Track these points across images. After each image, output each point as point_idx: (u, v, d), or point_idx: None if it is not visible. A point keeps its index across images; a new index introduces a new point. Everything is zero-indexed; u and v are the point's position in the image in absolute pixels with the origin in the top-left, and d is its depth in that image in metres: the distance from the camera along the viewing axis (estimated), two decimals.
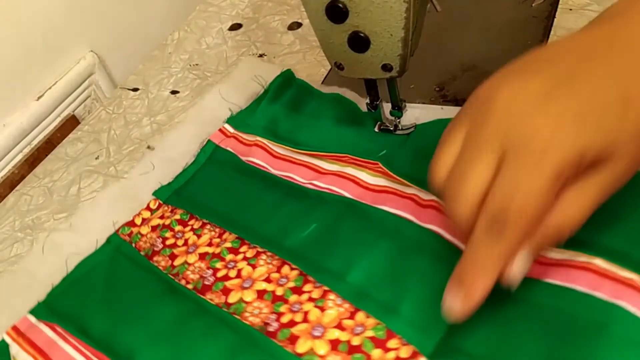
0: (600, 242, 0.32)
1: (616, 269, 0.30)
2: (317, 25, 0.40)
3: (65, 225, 0.47)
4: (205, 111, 0.53)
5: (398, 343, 0.32)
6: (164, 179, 0.48)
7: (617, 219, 0.32)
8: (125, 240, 0.44)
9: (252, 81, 0.54)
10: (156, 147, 0.53)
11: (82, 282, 0.42)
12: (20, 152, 0.62)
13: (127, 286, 0.41)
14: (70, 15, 0.64)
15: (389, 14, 0.37)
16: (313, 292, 0.36)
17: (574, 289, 0.31)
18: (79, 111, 0.68)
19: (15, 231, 0.50)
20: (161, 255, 0.43)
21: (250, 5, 0.68)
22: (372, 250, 0.37)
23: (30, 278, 0.44)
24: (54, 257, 0.45)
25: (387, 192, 0.41)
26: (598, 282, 0.30)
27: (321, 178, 0.43)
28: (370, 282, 0.36)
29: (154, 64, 0.64)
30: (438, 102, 0.49)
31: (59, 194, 0.53)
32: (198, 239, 0.43)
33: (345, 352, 0.33)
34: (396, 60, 0.40)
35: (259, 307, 0.37)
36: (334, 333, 0.34)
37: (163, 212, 0.46)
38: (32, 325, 0.40)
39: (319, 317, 0.35)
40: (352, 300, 0.35)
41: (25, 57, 0.61)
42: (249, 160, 0.47)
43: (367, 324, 0.34)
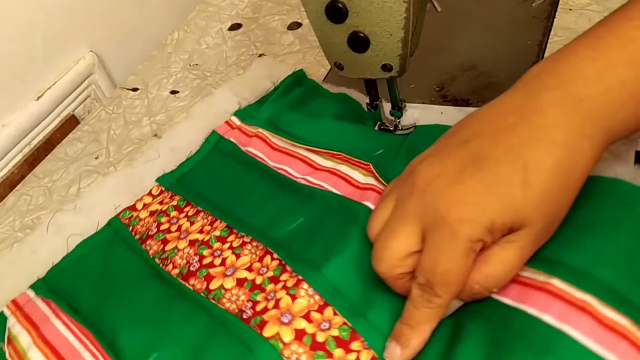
0: (563, 259, 0.31)
1: (571, 289, 0.30)
2: (316, 25, 0.40)
3: (70, 207, 0.49)
4: (215, 105, 0.54)
5: (360, 346, 0.33)
6: (167, 166, 0.49)
7: (585, 235, 0.32)
8: (125, 224, 0.46)
9: (264, 79, 0.54)
10: (163, 136, 0.53)
11: (80, 262, 0.44)
12: (20, 152, 0.62)
13: (118, 269, 0.43)
14: (70, 15, 0.64)
15: (389, 14, 0.37)
16: (288, 280, 0.37)
17: (524, 310, 0.31)
18: (79, 111, 0.67)
19: (15, 231, 0.50)
20: (154, 239, 0.44)
21: (250, 5, 0.68)
22: (351, 245, 0.37)
23: (34, 255, 0.46)
24: (56, 237, 0.47)
25: (373, 190, 0.41)
26: (550, 304, 0.30)
27: (314, 174, 0.44)
28: (343, 279, 0.36)
29: (153, 64, 0.64)
30: (438, 102, 0.49)
31: (59, 194, 0.53)
32: (191, 225, 0.44)
33: (309, 345, 0.34)
34: (396, 60, 0.40)
35: (237, 294, 0.38)
36: (301, 323, 0.35)
37: (163, 198, 0.47)
38: (30, 300, 0.42)
39: (289, 305, 0.36)
40: (322, 294, 0.36)
41: (24, 57, 0.61)
42: (248, 150, 0.48)
43: (333, 321, 0.34)
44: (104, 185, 0.50)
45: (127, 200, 0.48)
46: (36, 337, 0.40)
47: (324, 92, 0.51)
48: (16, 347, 0.40)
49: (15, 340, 0.40)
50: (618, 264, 0.31)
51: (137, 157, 0.52)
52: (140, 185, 0.49)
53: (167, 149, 0.51)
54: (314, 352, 0.33)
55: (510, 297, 0.32)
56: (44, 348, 0.39)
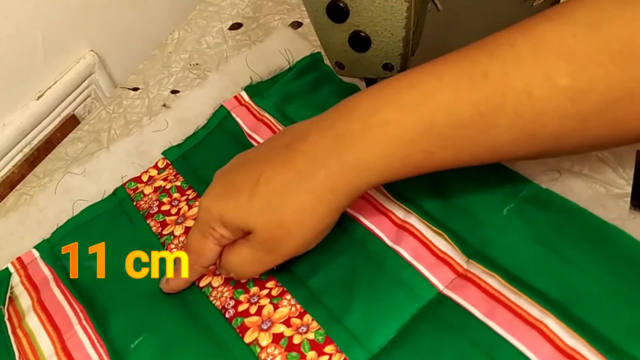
0: (562, 303, 0.33)
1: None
2: (317, 25, 0.40)
3: (80, 170, 0.51)
4: (227, 76, 0.55)
5: (333, 349, 0.34)
6: (175, 138, 0.51)
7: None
8: (130, 195, 0.48)
9: (280, 54, 0.55)
10: (172, 106, 0.55)
11: (83, 230, 0.46)
12: (20, 152, 0.61)
13: (117, 245, 0.44)
14: (70, 14, 0.64)
15: (390, 13, 0.37)
16: (274, 289, 0.39)
17: (492, 329, 0.33)
18: (79, 111, 0.67)
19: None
20: (154, 219, 0.46)
21: (251, 4, 0.68)
22: (336, 258, 0.39)
23: (41, 215, 0.48)
24: (64, 198, 0.49)
25: (366, 200, 0.42)
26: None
27: None
28: (325, 288, 0.38)
29: (154, 63, 0.64)
30: None
31: None
32: (189, 210, 0.45)
33: (284, 347, 0.35)
34: (397, 60, 0.40)
35: (222, 291, 0.39)
36: (280, 328, 0.36)
37: (167, 174, 0.48)
38: (34, 260, 0.45)
39: (271, 313, 0.37)
40: (303, 304, 0.37)
41: (25, 56, 0.61)
42: (252, 136, 0.49)
43: (311, 326, 0.36)
44: (113, 151, 0.52)
45: (134, 171, 0.50)
46: (35, 301, 0.42)
47: (336, 80, 0.52)
48: (17, 308, 0.42)
49: (17, 300, 0.43)
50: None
51: (146, 126, 0.54)
52: (147, 156, 0.51)
53: (175, 119, 0.53)
54: (287, 354, 0.35)
55: (487, 315, 0.34)
56: (41, 314, 0.41)
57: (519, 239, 0.36)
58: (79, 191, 0.49)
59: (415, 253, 0.38)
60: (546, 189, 0.39)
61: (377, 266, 0.38)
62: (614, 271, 0.34)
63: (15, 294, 0.43)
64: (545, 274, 0.34)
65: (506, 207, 0.38)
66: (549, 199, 0.38)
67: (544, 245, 0.36)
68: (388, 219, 0.40)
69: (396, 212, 0.40)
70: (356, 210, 0.41)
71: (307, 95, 0.51)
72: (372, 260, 0.38)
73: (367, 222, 0.40)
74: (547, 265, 0.35)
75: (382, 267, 0.38)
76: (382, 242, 0.39)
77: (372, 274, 0.38)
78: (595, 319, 0.32)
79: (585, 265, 0.34)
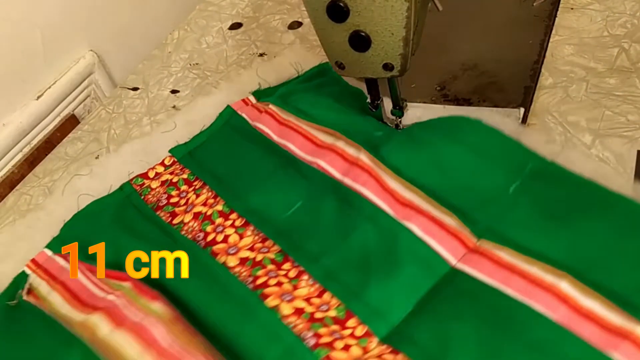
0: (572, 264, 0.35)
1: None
2: (317, 25, 0.40)
3: (86, 171, 0.51)
4: (238, 84, 0.56)
5: (355, 322, 0.36)
6: (182, 139, 0.52)
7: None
8: (136, 190, 0.48)
9: (291, 67, 0.56)
10: (182, 109, 0.56)
11: (91, 217, 0.47)
12: (20, 152, 0.61)
13: (129, 230, 0.45)
14: (70, 14, 0.64)
15: (390, 13, 0.37)
16: (290, 271, 0.40)
17: (508, 294, 0.34)
18: (79, 110, 0.67)
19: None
20: (163, 211, 0.46)
21: (251, 4, 0.68)
22: (349, 235, 0.40)
23: (50, 217, 0.48)
24: (71, 199, 0.49)
25: (369, 174, 0.42)
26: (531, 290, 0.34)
27: (315, 152, 0.46)
28: (341, 265, 0.39)
29: (153, 63, 0.64)
30: (439, 101, 0.48)
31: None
32: (196, 198, 0.46)
33: (307, 319, 0.36)
34: (397, 60, 0.39)
35: (240, 271, 0.40)
36: (301, 303, 0.37)
37: (174, 170, 0.49)
38: (48, 258, 0.45)
39: (291, 290, 0.38)
40: (321, 281, 0.38)
41: (24, 56, 0.61)
42: (257, 125, 0.50)
43: (331, 303, 0.37)
44: (121, 152, 0.53)
45: (141, 168, 0.50)
46: (54, 284, 0.42)
47: (342, 83, 0.53)
48: (37, 295, 0.42)
49: (36, 290, 0.43)
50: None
51: (155, 127, 0.55)
52: (154, 155, 0.51)
53: (183, 121, 0.54)
54: (311, 324, 0.36)
55: (498, 280, 0.35)
56: (63, 292, 0.41)
57: (527, 216, 0.38)
58: (86, 190, 0.50)
59: (426, 229, 0.39)
60: (551, 162, 0.40)
61: (390, 242, 0.39)
62: (622, 235, 0.35)
63: (34, 286, 0.43)
64: (556, 243, 0.36)
65: (512, 185, 0.39)
66: (554, 173, 0.39)
67: (553, 218, 0.37)
68: (391, 196, 0.41)
69: (401, 192, 0.41)
70: (363, 186, 0.42)
71: (310, 90, 0.52)
72: (383, 236, 0.39)
73: (375, 198, 0.41)
74: (557, 235, 0.36)
75: (394, 243, 0.39)
76: (392, 218, 0.40)
77: (385, 250, 0.39)
78: (608, 280, 0.33)
79: (595, 232, 0.36)
